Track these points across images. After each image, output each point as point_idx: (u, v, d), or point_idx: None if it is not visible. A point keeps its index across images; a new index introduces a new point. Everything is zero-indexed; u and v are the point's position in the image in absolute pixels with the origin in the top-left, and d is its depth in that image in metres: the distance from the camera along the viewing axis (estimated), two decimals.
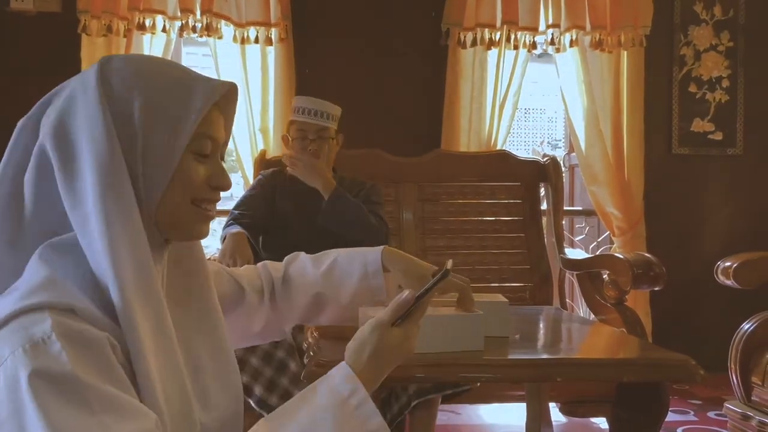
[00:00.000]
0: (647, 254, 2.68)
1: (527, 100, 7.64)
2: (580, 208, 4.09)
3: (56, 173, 0.85)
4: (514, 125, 4.24)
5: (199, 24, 3.28)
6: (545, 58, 3.85)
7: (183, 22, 3.27)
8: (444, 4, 3.48)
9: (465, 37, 3.45)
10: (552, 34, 3.54)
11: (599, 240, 4.01)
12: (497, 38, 3.47)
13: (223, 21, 3.30)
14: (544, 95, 7.48)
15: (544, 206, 3.20)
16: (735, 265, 2.22)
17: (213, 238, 2.93)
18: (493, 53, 3.49)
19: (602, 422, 2.90)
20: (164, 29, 3.28)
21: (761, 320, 2.20)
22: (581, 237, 4.17)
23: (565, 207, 3.57)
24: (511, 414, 3.09)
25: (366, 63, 3.54)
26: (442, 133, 3.48)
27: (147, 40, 3.28)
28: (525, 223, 3.06)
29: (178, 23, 3.28)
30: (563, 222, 3.28)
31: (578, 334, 1.85)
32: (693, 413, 3.23)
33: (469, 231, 3.03)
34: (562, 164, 3.35)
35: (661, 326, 3.55)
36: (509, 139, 4.06)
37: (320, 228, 2.34)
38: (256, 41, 3.33)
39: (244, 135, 3.37)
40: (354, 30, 3.54)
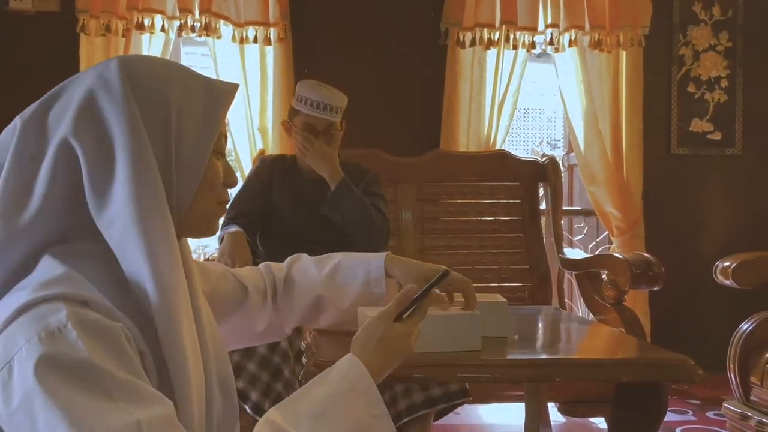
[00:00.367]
0: (646, 254, 2.69)
1: (526, 100, 7.64)
2: (579, 208, 4.09)
3: (87, 174, 0.84)
4: (513, 125, 4.24)
5: (198, 24, 3.28)
6: (544, 58, 3.85)
7: (182, 22, 3.26)
8: (443, 4, 3.48)
9: (464, 37, 3.44)
10: (551, 34, 3.53)
11: (598, 240, 4.02)
12: (496, 38, 3.46)
13: (222, 21, 3.30)
14: (543, 95, 7.48)
15: (543, 206, 3.20)
16: (734, 265, 2.22)
17: (212, 238, 2.93)
18: (492, 53, 3.49)
19: (601, 422, 2.89)
20: (163, 29, 3.28)
21: (760, 320, 2.20)
22: (580, 237, 4.18)
23: (564, 207, 3.58)
24: (510, 414, 3.09)
25: (365, 63, 3.53)
26: (441, 133, 3.48)
27: (146, 40, 3.28)
28: (524, 223, 3.06)
29: (177, 23, 3.28)
30: (562, 222, 3.28)
31: (577, 334, 1.85)
32: (692, 413, 3.23)
33: (468, 231, 3.03)
34: (561, 164, 3.36)
35: (660, 326, 3.54)
36: (508, 139, 4.06)
37: (319, 217, 2.33)
38: (255, 41, 3.33)
39: (243, 135, 3.37)
40: (353, 30, 3.54)
